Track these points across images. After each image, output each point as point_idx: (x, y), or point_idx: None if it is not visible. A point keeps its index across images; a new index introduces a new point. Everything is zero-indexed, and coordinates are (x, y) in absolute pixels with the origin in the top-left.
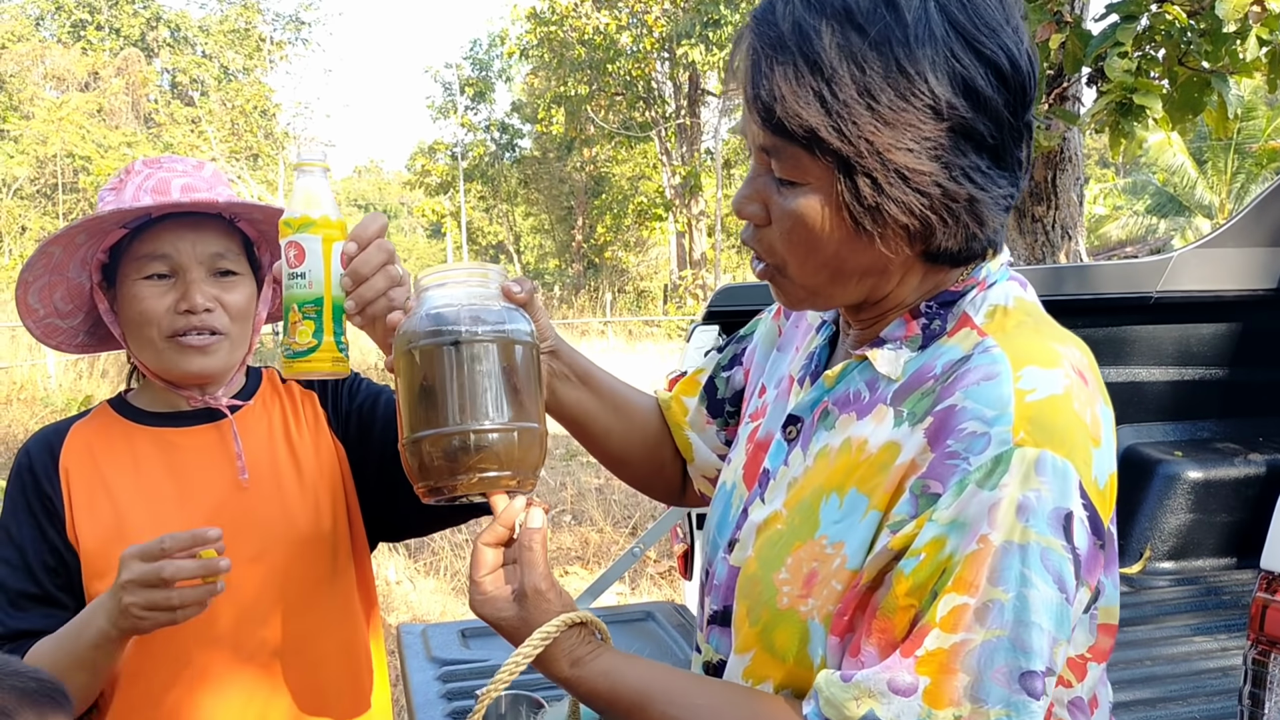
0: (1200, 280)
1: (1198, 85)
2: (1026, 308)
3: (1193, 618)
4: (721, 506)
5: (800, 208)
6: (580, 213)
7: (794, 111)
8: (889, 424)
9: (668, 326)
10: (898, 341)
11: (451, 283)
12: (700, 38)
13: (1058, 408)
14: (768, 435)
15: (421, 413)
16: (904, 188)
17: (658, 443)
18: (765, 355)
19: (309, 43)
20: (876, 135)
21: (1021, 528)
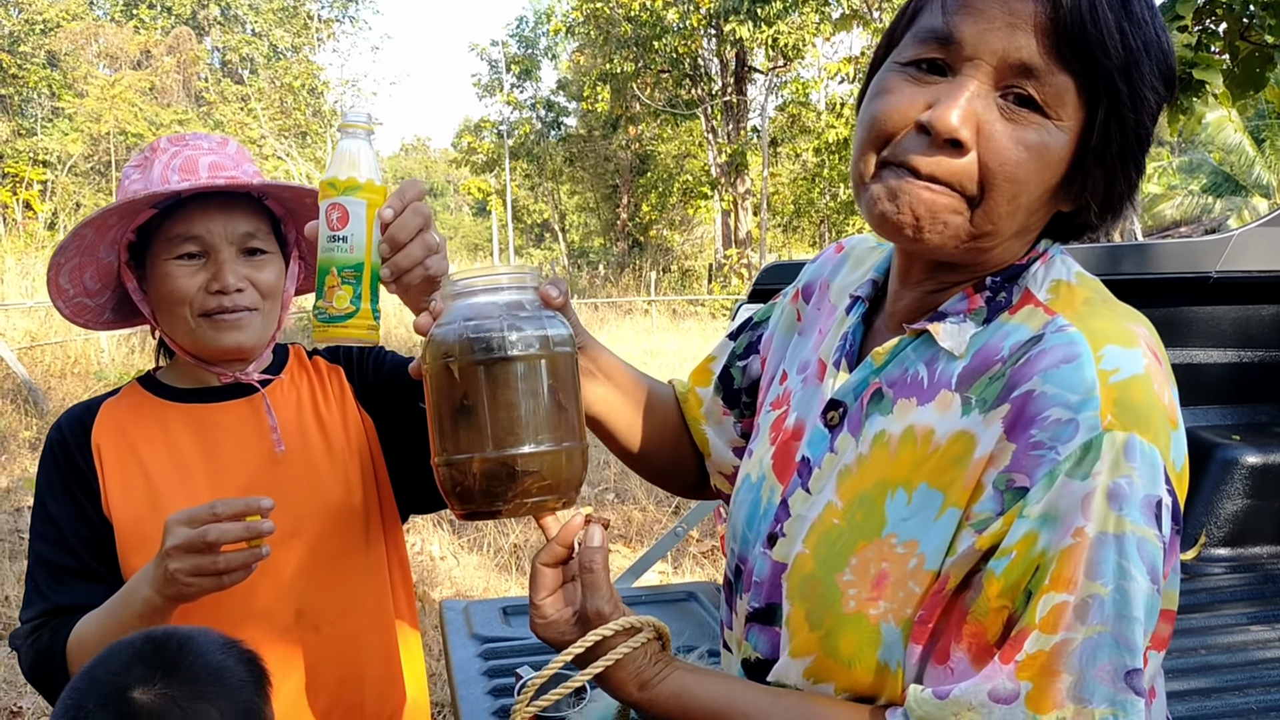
0: (1262, 260)
1: (1259, 60)
2: (1089, 283)
3: (1249, 605)
4: (750, 499)
5: (1044, 142)
6: (625, 191)
7: (1104, 39)
8: (956, 411)
9: (712, 305)
10: (960, 315)
11: (489, 288)
12: (748, 13)
13: (1141, 388)
14: (798, 423)
15: (461, 433)
16: (1136, 150)
17: (677, 437)
18: (785, 341)
19: (356, 21)
20: (1146, 91)
21: (1116, 517)
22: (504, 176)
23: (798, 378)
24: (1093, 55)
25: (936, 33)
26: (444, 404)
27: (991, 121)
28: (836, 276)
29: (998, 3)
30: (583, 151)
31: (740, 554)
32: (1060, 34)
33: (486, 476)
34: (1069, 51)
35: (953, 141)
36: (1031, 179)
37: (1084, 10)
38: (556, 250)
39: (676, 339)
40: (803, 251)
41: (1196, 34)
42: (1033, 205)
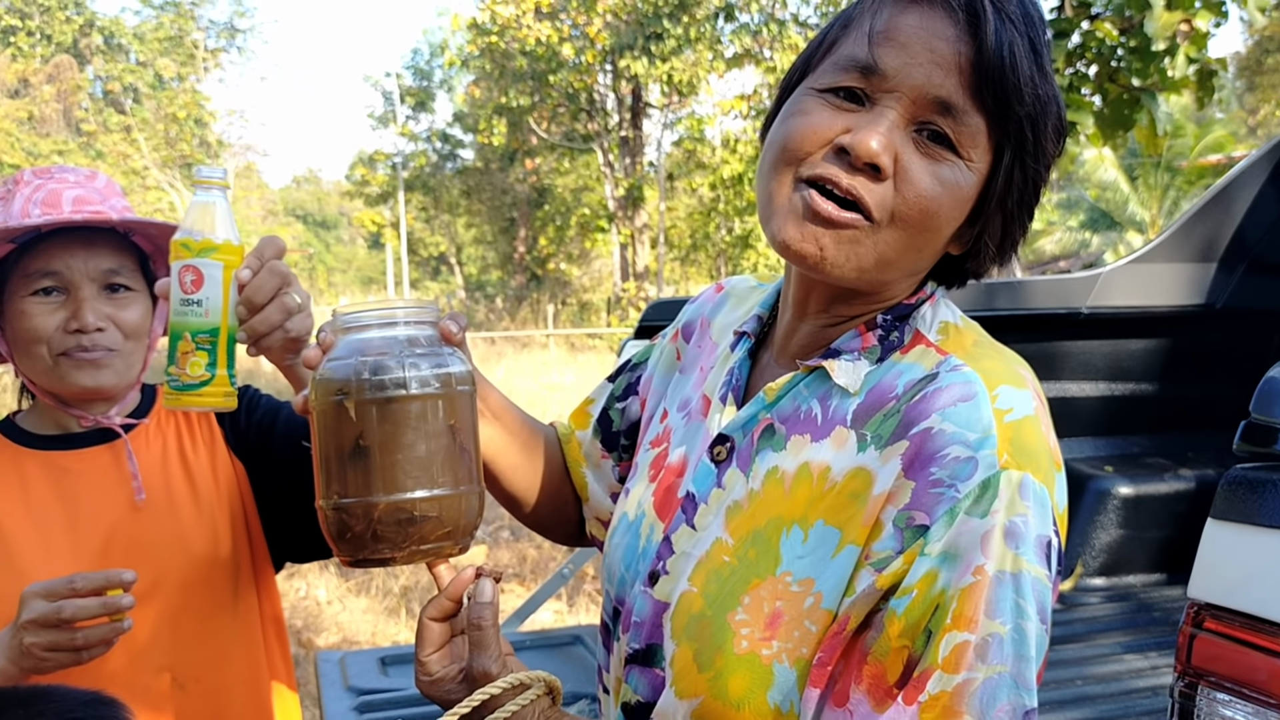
0: (1130, 296)
1: (1128, 102)
2: (973, 326)
3: (1124, 635)
4: (628, 538)
5: (956, 179)
6: (523, 224)
7: (1020, 84)
8: (852, 448)
9: (610, 339)
10: (854, 353)
11: (384, 322)
12: (642, 50)
13: (1032, 429)
14: (681, 459)
15: (352, 474)
16: (1031, 200)
17: (559, 481)
18: (664, 380)
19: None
20: (1049, 144)
21: (1013, 555)
22: (399, 209)
23: (679, 415)
24: (1008, 100)
25: (859, 62)
26: (334, 444)
27: (908, 154)
28: (717, 315)
29: (923, 38)
30: (479, 184)
31: (618, 595)
32: (981, 76)
33: (380, 522)
34: (988, 94)
35: (872, 167)
36: (943, 214)
37: (1005, 56)
38: (453, 283)
39: (575, 372)
40: (700, 284)
41: (1069, 77)
42: (935, 243)
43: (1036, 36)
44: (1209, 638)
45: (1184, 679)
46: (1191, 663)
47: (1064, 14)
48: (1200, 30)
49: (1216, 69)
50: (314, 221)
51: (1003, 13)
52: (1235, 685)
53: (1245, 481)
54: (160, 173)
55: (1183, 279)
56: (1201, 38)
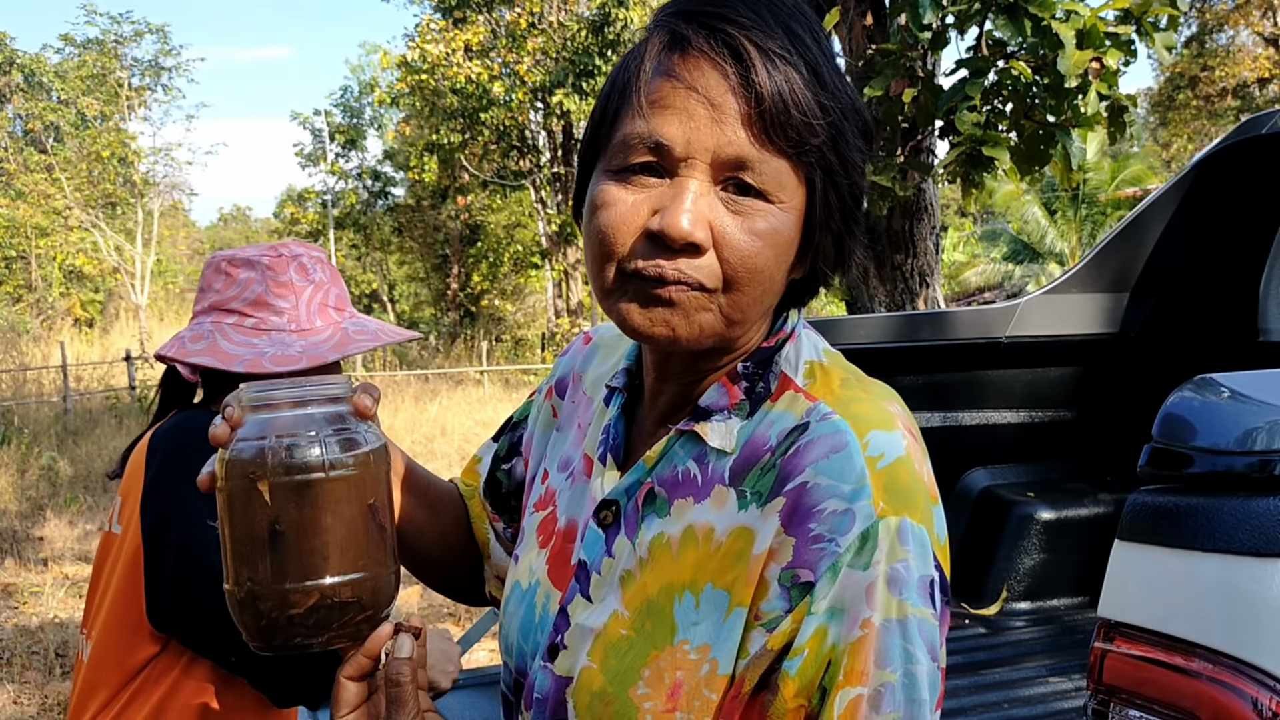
0: (1047, 325)
1: (1043, 138)
2: (837, 361)
3: (1049, 658)
4: (523, 609)
5: (773, 226)
6: (456, 261)
7: (806, 115)
8: (733, 507)
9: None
10: (724, 411)
11: (297, 399)
12: (574, 87)
13: (905, 471)
14: (569, 524)
15: (265, 561)
16: (855, 211)
17: (463, 540)
18: (544, 439)
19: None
20: (852, 152)
21: (897, 602)
22: (329, 246)
23: (560, 475)
24: (800, 138)
25: (645, 139)
26: (246, 527)
27: (721, 218)
28: (588, 368)
29: (698, 100)
30: (411, 221)
31: (518, 667)
32: (767, 122)
33: (296, 609)
34: (779, 137)
35: (690, 245)
36: (770, 265)
37: (784, 96)
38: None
39: (509, 409)
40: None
41: (985, 113)
42: (775, 287)
43: (812, 58)
44: (1119, 655)
45: (1096, 697)
46: (1103, 680)
47: (980, 53)
48: (1110, 68)
49: (1127, 105)
50: None
51: (767, 52)
52: (1145, 701)
53: (1149, 505)
54: (83, 212)
55: (1098, 308)
56: (1111, 75)
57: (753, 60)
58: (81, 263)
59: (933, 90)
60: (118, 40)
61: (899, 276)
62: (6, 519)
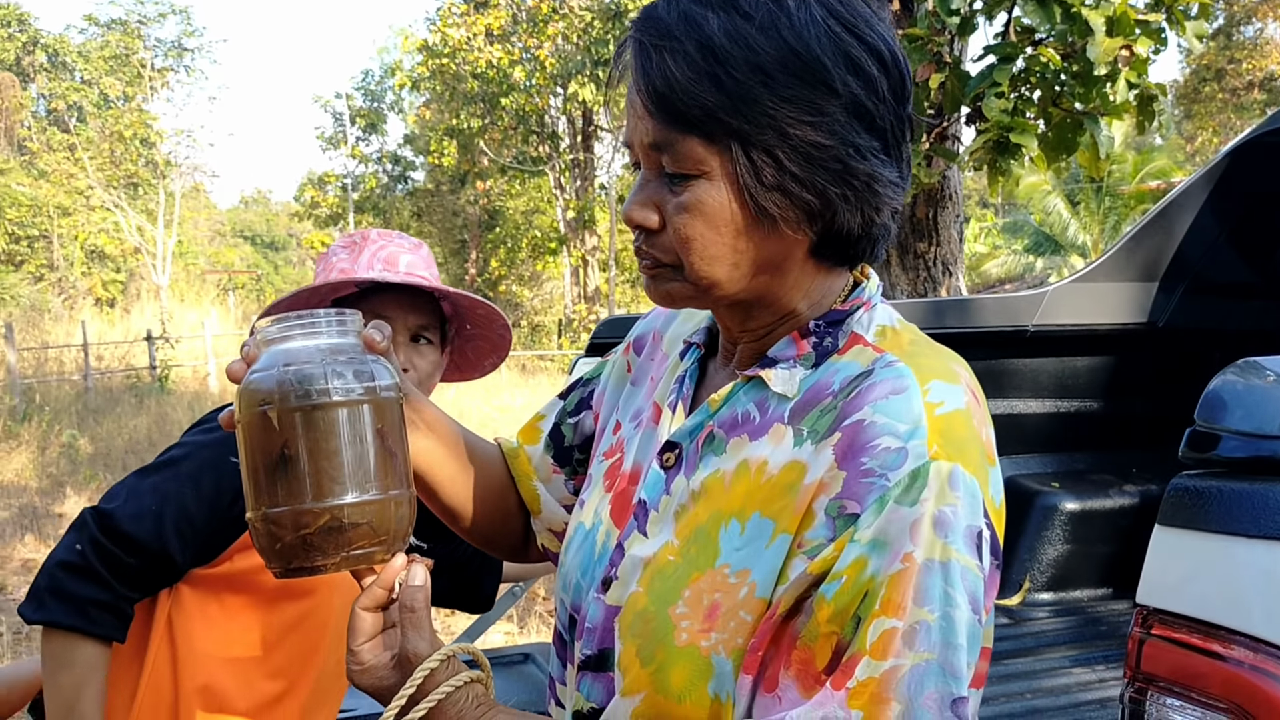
0: (1075, 314)
1: (1071, 126)
2: (911, 328)
3: (1072, 649)
4: (586, 547)
5: (698, 198)
6: (474, 246)
7: (690, 93)
8: (789, 443)
9: (561, 361)
10: (790, 360)
11: (307, 331)
12: (591, 76)
13: (963, 422)
14: (635, 467)
15: (279, 485)
16: (805, 164)
17: (501, 494)
18: (616, 393)
19: (192, 70)
20: (776, 109)
21: (942, 544)
22: (349, 230)
23: (631, 425)
24: (688, 113)
25: (623, 141)
26: (260, 455)
27: (665, 199)
28: (669, 328)
29: (629, 102)
30: (430, 206)
31: (574, 603)
32: (657, 107)
33: (309, 530)
34: (670, 119)
35: (641, 228)
36: (706, 232)
37: (655, 80)
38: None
39: (526, 394)
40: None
41: (1013, 100)
42: (736, 249)
43: (706, 35)
44: (1157, 642)
45: (1133, 684)
46: (1141, 668)
47: (1008, 39)
48: (1140, 56)
49: (1156, 94)
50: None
51: (647, 46)
52: (1184, 689)
53: (1190, 489)
54: (105, 192)
55: (1126, 298)
56: (1141, 63)
57: (645, 52)
58: (103, 242)
59: (960, 76)
60: (141, 20)
61: (922, 265)
62: (27, 495)
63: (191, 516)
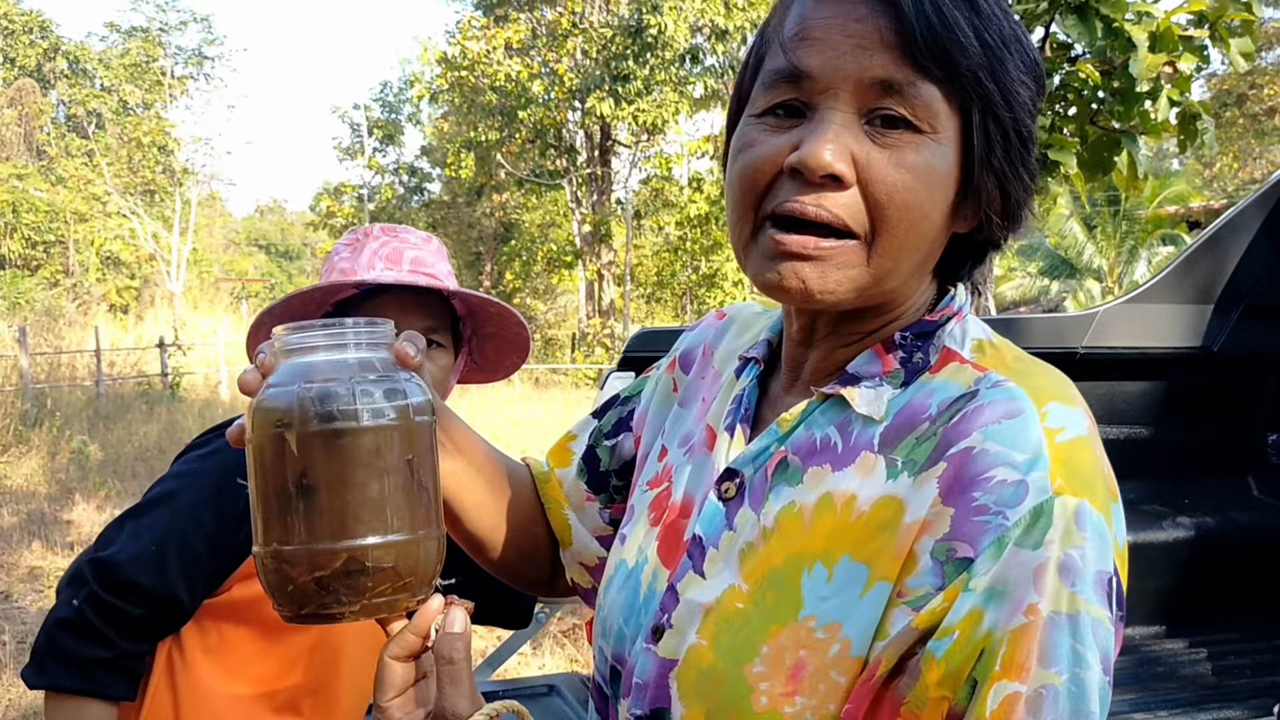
0: (1126, 336)
1: (1107, 144)
2: (1010, 344)
3: (1128, 692)
4: (628, 589)
5: (926, 160)
6: (489, 258)
7: (958, 34)
8: (880, 475)
9: (575, 375)
10: (875, 378)
11: (333, 342)
12: (609, 91)
13: (1086, 450)
14: (686, 498)
15: (296, 518)
16: (1022, 152)
17: (531, 521)
18: (661, 414)
19: (212, 78)
20: (1018, 87)
21: (1069, 594)
22: None
23: (679, 450)
24: (950, 57)
25: (783, 72)
26: (275, 483)
27: (867, 151)
28: (720, 342)
29: (837, 27)
30: (446, 218)
31: (615, 653)
32: (912, 42)
33: (327, 572)
34: (926, 58)
35: (831, 177)
36: (924, 202)
37: (929, 14)
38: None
39: (539, 408)
40: (666, 322)
41: (1050, 117)
42: (929, 232)
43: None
44: None
45: None
46: None
47: (1045, 55)
48: (1183, 73)
49: (1199, 112)
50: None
51: None
52: None
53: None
54: (122, 199)
55: (1179, 321)
56: (1185, 80)
57: None
58: (119, 249)
59: None
60: (163, 28)
61: None
62: (35, 501)
63: (198, 555)
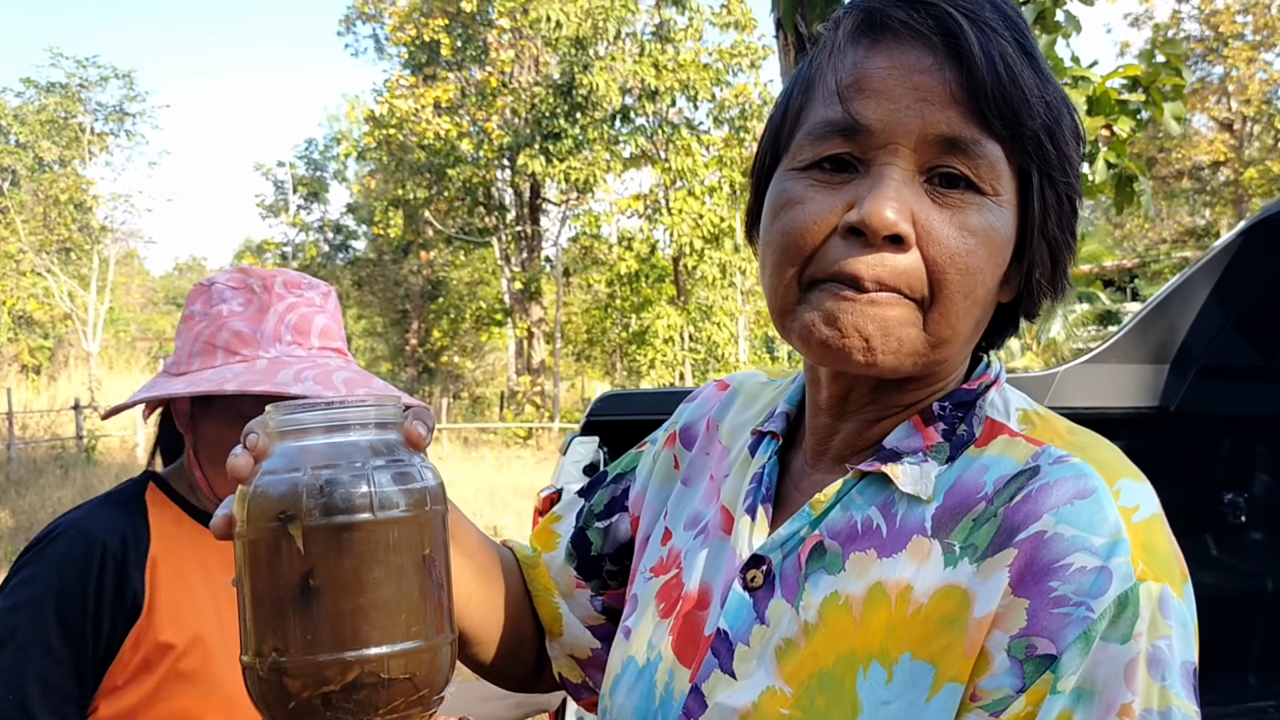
0: (1086, 396)
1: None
2: (1056, 414)
3: None
4: (640, 689)
5: (990, 223)
6: (416, 316)
7: (1027, 94)
8: (937, 562)
9: (505, 434)
10: (918, 453)
11: (336, 422)
12: (540, 149)
13: (1161, 531)
14: (703, 588)
15: (295, 625)
16: (1071, 218)
17: (517, 613)
18: (662, 493)
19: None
20: (1070, 150)
21: (1159, 690)
22: None
23: (688, 534)
24: (1018, 117)
25: (837, 125)
26: (273, 583)
27: (927, 211)
28: (725, 415)
29: (900, 77)
30: (372, 275)
31: None
32: (980, 98)
33: (334, 686)
34: (994, 116)
35: (892, 238)
36: (985, 267)
37: (1000, 70)
38: None
39: (468, 468)
40: (595, 380)
41: None
42: (987, 299)
43: (1024, 39)
44: None
45: None
46: None
47: None
48: (1120, 136)
49: (1136, 174)
50: None
51: (980, 22)
52: None
53: None
54: (36, 257)
55: (1137, 381)
56: (1120, 144)
57: (963, 29)
58: (32, 308)
59: None
60: (82, 84)
61: None
62: None
63: (60, 686)
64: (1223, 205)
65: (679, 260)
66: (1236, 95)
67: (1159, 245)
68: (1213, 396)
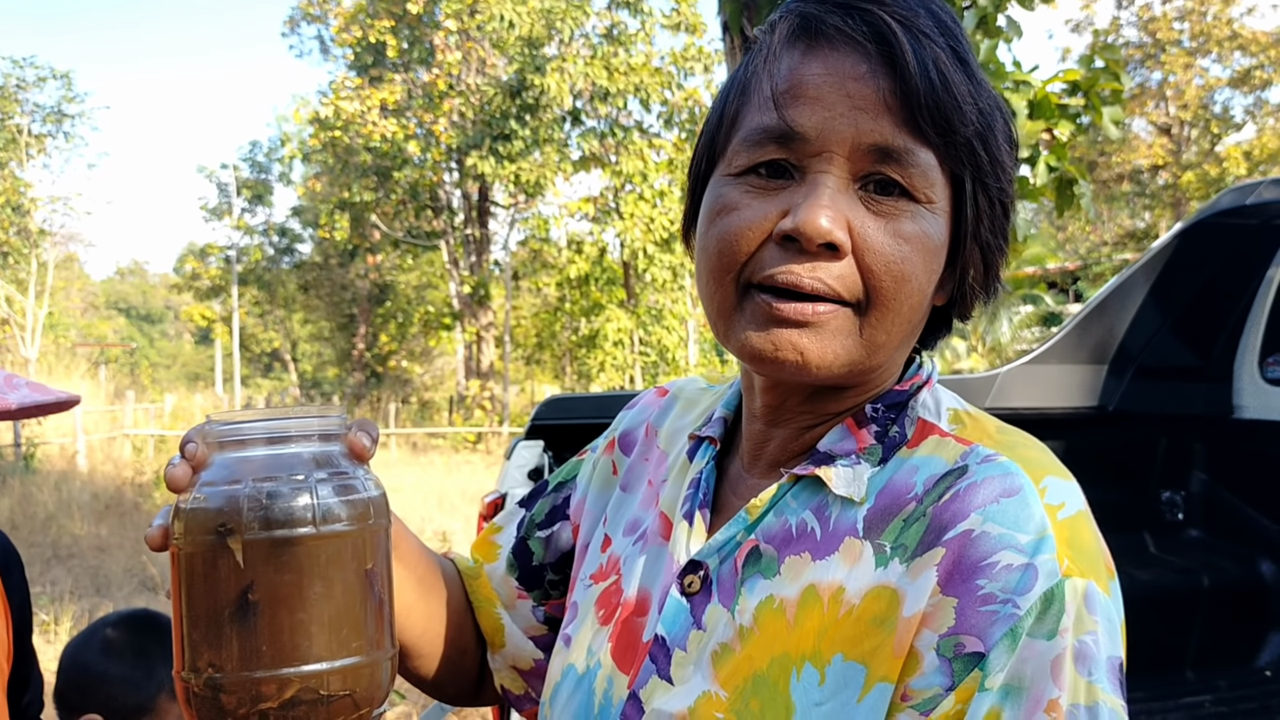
0: (1027, 397)
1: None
2: (986, 413)
3: None
4: (579, 697)
5: (923, 230)
6: (363, 320)
7: (960, 101)
8: (869, 563)
9: (454, 439)
10: (850, 456)
11: (277, 433)
12: (490, 150)
13: (1087, 528)
14: (641, 594)
15: (233, 641)
16: (1003, 221)
17: (458, 625)
18: (601, 500)
19: (71, 136)
20: (1003, 155)
21: (1086, 684)
22: (231, 303)
23: (627, 540)
24: (950, 124)
25: (772, 131)
26: (210, 597)
27: (862, 219)
28: (664, 421)
29: (835, 86)
30: (318, 279)
31: None
32: (914, 106)
33: (269, 703)
34: (927, 124)
35: (828, 245)
36: (919, 274)
37: (933, 78)
38: (287, 380)
39: (416, 473)
40: (546, 383)
41: None
42: (921, 304)
43: (958, 45)
44: None
45: None
46: None
47: None
48: (1060, 140)
49: (1076, 178)
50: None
51: (914, 29)
52: None
53: None
54: None
55: (1077, 380)
56: (1061, 148)
57: (896, 35)
58: None
59: None
60: (20, 84)
61: None
62: None
63: None
64: (1162, 208)
65: (629, 264)
66: (1174, 100)
67: (1101, 248)
68: (1150, 397)
